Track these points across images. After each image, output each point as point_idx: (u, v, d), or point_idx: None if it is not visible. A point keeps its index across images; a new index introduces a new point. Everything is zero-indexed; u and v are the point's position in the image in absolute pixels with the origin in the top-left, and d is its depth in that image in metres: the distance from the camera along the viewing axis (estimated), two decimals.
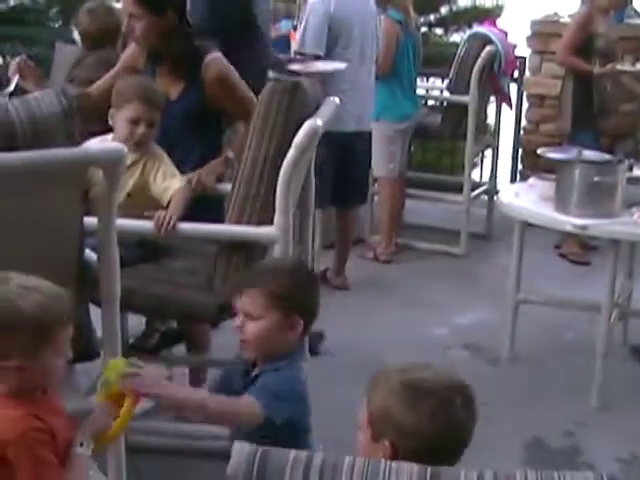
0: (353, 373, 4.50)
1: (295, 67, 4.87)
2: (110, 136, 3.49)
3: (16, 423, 2.00)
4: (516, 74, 6.93)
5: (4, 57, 8.47)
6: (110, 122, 3.47)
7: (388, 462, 1.47)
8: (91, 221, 2.58)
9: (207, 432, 3.22)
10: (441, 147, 7.97)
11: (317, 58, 5.09)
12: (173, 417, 3.87)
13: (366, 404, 1.87)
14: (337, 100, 3.62)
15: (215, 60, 3.70)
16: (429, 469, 1.45)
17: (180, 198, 3.37)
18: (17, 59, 4.00)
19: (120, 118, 3.45)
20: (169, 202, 3.35)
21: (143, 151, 3.46)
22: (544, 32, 7.19)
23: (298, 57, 5.17)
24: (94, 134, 3.46)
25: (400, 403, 1.80)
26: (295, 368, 2.50)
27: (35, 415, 2.03)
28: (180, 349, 4.04)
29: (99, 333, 2.78)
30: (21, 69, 3.92)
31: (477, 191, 6.71)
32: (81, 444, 2.10)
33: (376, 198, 6.49)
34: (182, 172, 3.66)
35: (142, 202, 3.37)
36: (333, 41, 5.19)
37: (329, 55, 5.16)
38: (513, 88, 6.89)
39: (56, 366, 2.07)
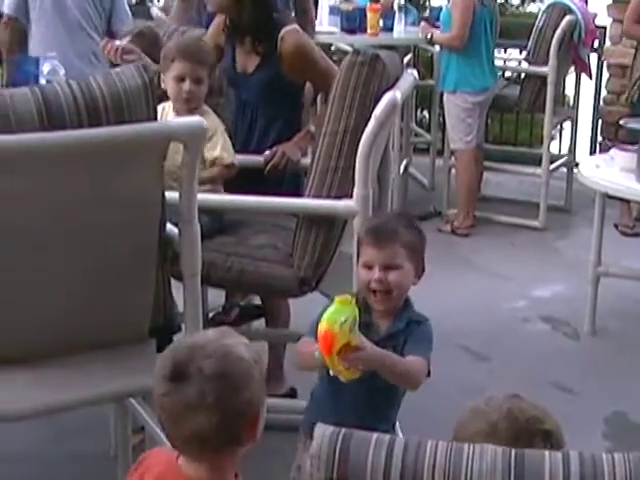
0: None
1: None
2: (168, 103, 3.51)
3: None
4: (596, 44, 6.81)
5: None
6: (163, 86, 3.48)
7: (472, 445, 1.45)
8: (171, 195, 2.59)
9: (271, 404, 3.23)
10: (519, 119, 7.88)
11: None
12: None
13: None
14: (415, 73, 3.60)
15: (291, 33, 3.67)
16: (513, 451, 1.43)
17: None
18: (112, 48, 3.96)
19: (168, 78, 3.47)
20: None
21: (193, 109, 3.45)
22: (625, 0, 7.05)
23: None
24: None
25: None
26: None
27: None
28: (260, 324, 4.06)
29: (180, 307, 2.80)
30: (122, 59, 3.91)
31: (556, 164, 6.62)
32: None
33: (453, 171, 6.44)
34: (263, 147, 3.67)
35: None
36: None
37: None
38: (593, 58, 6.78)
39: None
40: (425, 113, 8.54)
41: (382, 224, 2.67)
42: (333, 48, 6.53)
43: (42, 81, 3.82)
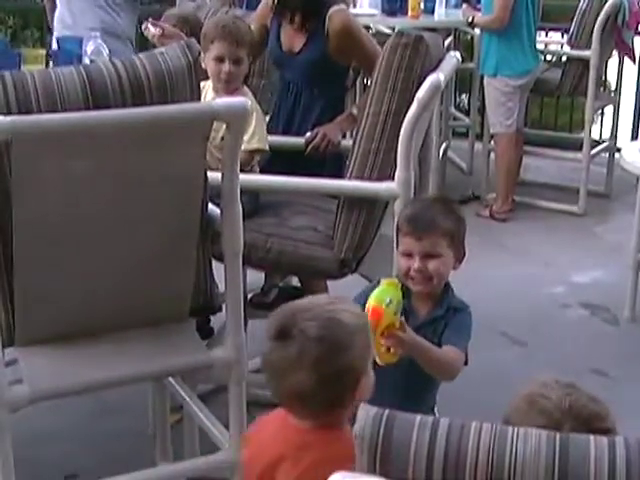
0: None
1: None
2: (208, 82, 3.51)
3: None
4: None
5: None
6: (204, 66, 3.49)
7: (516, 428, 1.45)
8: (213, 176, 2.60)
9: None
10: (559, 103, 7.82)
11: None
12: None
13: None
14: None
15: (339, 12, 3.67)
16: (558, 435, 1.42)
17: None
18: (152, 33, 3.94)
19: (208, 59, 3.46)
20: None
21: (233, 90, 3.44)
22: None
23: None
24: None
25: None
26: None
27: None
28: None
29: (220, 287, 2.80)
30: (162, 43, 3.91)
31: (597, 148, 6.56)
32: None
33: (492, 155, 6.41)
34: (304, 128, 3.66)
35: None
36: None
37: None
38: (637, 41, 6.70)
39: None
40: (464, 97, 8.49)
41: (420, 213, 2.66)
42: (372, 31, 6.48)
43: (85, 60, 3.83)
